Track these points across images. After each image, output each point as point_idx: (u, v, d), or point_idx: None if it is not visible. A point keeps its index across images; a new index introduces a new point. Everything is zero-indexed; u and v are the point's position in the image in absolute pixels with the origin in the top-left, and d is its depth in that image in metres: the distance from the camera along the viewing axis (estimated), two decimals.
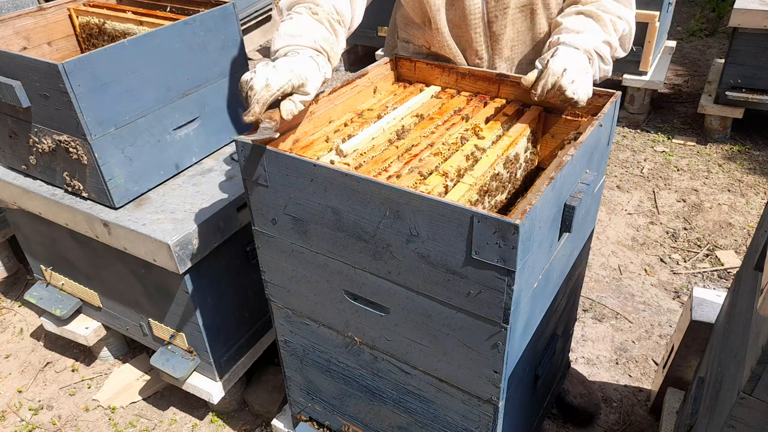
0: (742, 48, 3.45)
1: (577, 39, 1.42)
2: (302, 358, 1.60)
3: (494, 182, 1.32)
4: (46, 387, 2.37)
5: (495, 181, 1.33)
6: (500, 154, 1.34)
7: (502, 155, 1.35)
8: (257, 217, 1.36)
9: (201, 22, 1.83)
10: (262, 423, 2.16)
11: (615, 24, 1.47)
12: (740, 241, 2.96)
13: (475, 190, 1.25)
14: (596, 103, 1.44)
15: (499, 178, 1.34)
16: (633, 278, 2.75)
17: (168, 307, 1.89)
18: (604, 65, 1.47)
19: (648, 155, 3.73)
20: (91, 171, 1.71)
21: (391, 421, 1.51)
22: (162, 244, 1.65)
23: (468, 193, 1.22)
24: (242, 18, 5.11)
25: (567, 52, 1.38)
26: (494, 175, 1.32)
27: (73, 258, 2.07)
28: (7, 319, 2.70)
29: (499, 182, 1.34)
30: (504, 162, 1.36)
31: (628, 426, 2.09)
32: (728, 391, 1.09)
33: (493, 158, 1.32)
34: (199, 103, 1.91)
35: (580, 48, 1.41)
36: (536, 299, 1.26)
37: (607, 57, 1.47)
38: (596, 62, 1.44)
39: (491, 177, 1.31)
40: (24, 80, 1.65)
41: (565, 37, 1.43)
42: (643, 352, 2.38)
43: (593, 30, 1.45)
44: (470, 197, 1.23)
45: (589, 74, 1.39)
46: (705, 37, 5.41)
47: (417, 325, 1.24)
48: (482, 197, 1.28)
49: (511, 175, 1.41)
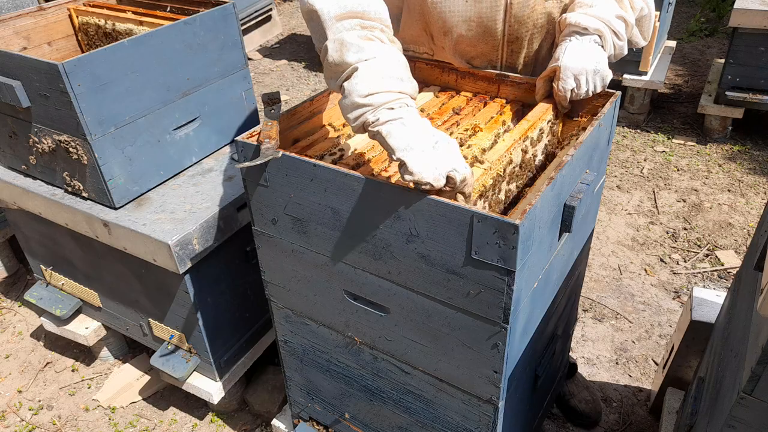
0: (742, 48, 3.45)
1: (587, 18, 1.36)
2: (302, 358, 1.60)
3: (510, 167, 1.27)
4: (46, 387, 2.37)
5: (511, 166, 1.27)
6: (518, 138, 1.29)
7: (520, 140, 1.30)
8: (257, 217, 1.36)
9: (201, 22, 1.83)
10: (262, 423, 2.16)
11: (632, 1, 1.41)
12: (740, 241, 2.96)
13: (491, 176, 1.21)
14: (596, 103, 1.44)
15: (516, 165, 1.29)
16: (633, 278, 2.75)
17: (168, 307, 1.89)
18: (619, 41, 1.40)
19: (648, 155, 3.73)
20: (91, 171, 1.71)
21: (391, 421, 1.51)
22: (162, 244, 1.65)
23: (483, 177, 1.18)
24: (242, 18, 5.11)
25: (574, 51, 1.35)
26: (510, 161, 1.27)
27: (73, 258, 2.07)
28: (7, 319, 2.70)
29: (516, 168, 1.29)
30: (522, 147, 1.31)
31: (628, 426, 2.09)
32: (728, 391, 1.09)
33: (510, 142, 1.27)
34: (199, 103, 1.91)
35: (589, 27, 1.35)
36: (536, 299, 1.26)
37: (622, 33, 1.40)
38: (609, 39, 1.38)
39: (507, 162, 1.26)
40: (24, 80, 1.65)
41: (574, 17, 1.37)
42: (643, 352, 2.38)
43: (606, 2, 1.38)
44: (485, 182, 1.19)
45: (602, 62, 1.35)
46: (705, 37, 5.41)
47: (417, 325, 1.24)
48: (498, 182, 1.24)
49: (528, 161, 1.36)
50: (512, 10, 1.46)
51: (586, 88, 1.36)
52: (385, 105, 1.06)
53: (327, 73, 1.15)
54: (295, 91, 4.83)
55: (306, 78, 5.05)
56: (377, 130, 1.06)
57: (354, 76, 1.08)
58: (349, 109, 1.08)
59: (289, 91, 4.84)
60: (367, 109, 1.07)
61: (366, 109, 1.07)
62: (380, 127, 1.05)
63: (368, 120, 1.07)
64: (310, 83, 4.95)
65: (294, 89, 4.86)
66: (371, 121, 1.07)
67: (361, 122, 1.08)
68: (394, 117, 1.06)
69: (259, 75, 5.11)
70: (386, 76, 1.08)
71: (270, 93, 1.33)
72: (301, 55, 5.51)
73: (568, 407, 2.09)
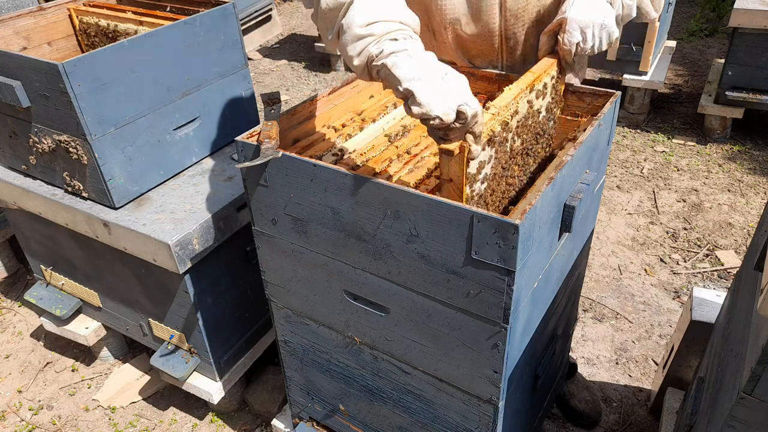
0: (742, 48, 3.45)
1: None
2: (302, 358, 1.60)
3: (517, 118, 1.21)
4: (46, 387, 2.37)
5: (518, 117, 1.21)
6: (524, 88, 1.23)
7: (526, 89, 1.24)
8: (257, 217, 1.36)
9: (201, 22, 1.83)
10: (262, 423, 2.16)
11: None
12: (740, 241, 2.96)
13: (499, 121, 1.13)
14: (596, 103, 1.44)
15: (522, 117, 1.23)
16: (633, 278, 2.75)
17: (168, 307, 1.89)
18: (628, 0, 1.36)
19: (648, 155, 3.72)
20: (91, 171, 1.71)
21: (391, 421, 1.51)
22: (162, 244, 1.65)
23: (491, 122, 1.11)
24: (242, 18, 5.11)
25: (582, 4, 1.30)
26: (516, 111, 1.20)
27: (73, 258, 2.07)
28: (7, 319, 2.70)
29: (522, 121, 1.23)
30: (528, 98, 1.25)
31: (628, 426, 2.09)
32: (728, 391, 1.09)
33: (517, 91, 1.21)
34: (199, 103, 1.91)
35: None
36: (536, 299, 1.26)
37: None
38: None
39: (514, 111, 1.19)
40: (24, 80, 1.65)
41: None
42: (643, 352, 2.38)
43: None
44: (493, 127, 1.11)
45: (610, 17, 1.30)
46: (705, 37, 5.41)
47: (417, 325, 1.24)
48: (505, 130, 1.17)
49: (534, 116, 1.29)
50: (507, 3, 1.46)
51: (592, 43, 1.31)
52: (387, 35, 1.00)
53: (322, 25, 1.08)
54: (295, 91, 4.83)
55: (306, 78, 5.05)
56: (382, 63, 0.99)
57: (350, 8, 1.02)
58: (350, 43, 1.01)
59: (289, 91, 4.84)
60: (370, 40, 1.00)
61: (368, 41, 1.00)
62: (385, 59, 0.99)
63: (371, 53, 1.00)
64: (310, 83, 4.95)
65: (294, 89, 4.86)
66: (374, 54, 1.00)
67: (365, 57, 1.01)
68: (399, 48, 0.99)
69: (259, 75, 5.11)
70: (384, 4, 1.02)
71: (270, 93, 1.33)
72: (301, 55, 5.51)
73: (568, 407, 2.09)
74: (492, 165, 1.15)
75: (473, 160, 1.05)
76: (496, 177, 1.19)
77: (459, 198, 1.06)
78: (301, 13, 6.69)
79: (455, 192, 1.06)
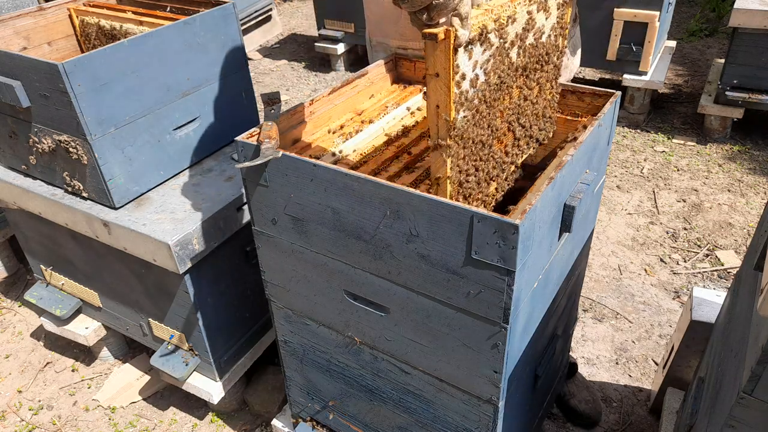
0: (742, 48, 3.45)
1: None
2: (302, 358, 1.60)
3: (513, 26, 1.12)
4: (46, 387, 2.37)
5: (514, 26, 1.12)
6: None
7: None
8: (257, 217, 1.36)
9: (201, 22, 1.83)
10: (262, 423, 2.16)
11: None
12: (740, 241, 2.96)
13: (491, 18, 1.06)
14: (596, 103, 1.44)
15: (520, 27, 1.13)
16: (633, 278, 2.75)
17: (168, 307, 1.89)
18: None
19: (648, 155, 3.72)
20: (91, 171, 1.71)
21: (391, 421, 1.51)
22: (162, 244, 1.65)
23: (482, 17, 1.04)
24: (242, 18, 5.12)
25: None
26: (512, 18, 1.11)
27: (73, 258, 2.07)
28: (7, 319, 2.70)
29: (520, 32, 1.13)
30: (529, 8, 1.16)
31: (628, 426, 2.09)
32: (728, 391, 1.09)
33: None
34: (199, 103, 1.91)
35: None
36: (536, 299, 1.26)
37: None
38: None
39: (511, 13, 1.11)
40: (24, 80, 1.65)
41: None
42: (643, 352, 2.38)
43: None
44: (485, 22, 1.04)
45: None
46: (705, 37, 5.41)
47: (417, 325, 1.24)
48: (500, 30, 1.09)
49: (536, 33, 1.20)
50: None
51: None
52: None
53: None
54: (295, 91, 4.83)
55: (306, 78, 5.05)
56: None
57: None
58: None
59: (289, 91, 4.84)
60: None
61: None
62: None
63: None
64: (310, 83, 4.95)
65: (294, 89, 4.86)
66: None
67: None
68: None
69: (259, 75, 5.11)
70: None
71: (270, 93, 1.33)
72: (301, 55, 5.51)
73: (568, 407, 2.09)
74: (488, 70, 1.05)
75: (461, 47, 0.97)
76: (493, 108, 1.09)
77: (447, 97, 0.97)
78: (301, 13, 6.70)
79: (442, 90, 0.96)
